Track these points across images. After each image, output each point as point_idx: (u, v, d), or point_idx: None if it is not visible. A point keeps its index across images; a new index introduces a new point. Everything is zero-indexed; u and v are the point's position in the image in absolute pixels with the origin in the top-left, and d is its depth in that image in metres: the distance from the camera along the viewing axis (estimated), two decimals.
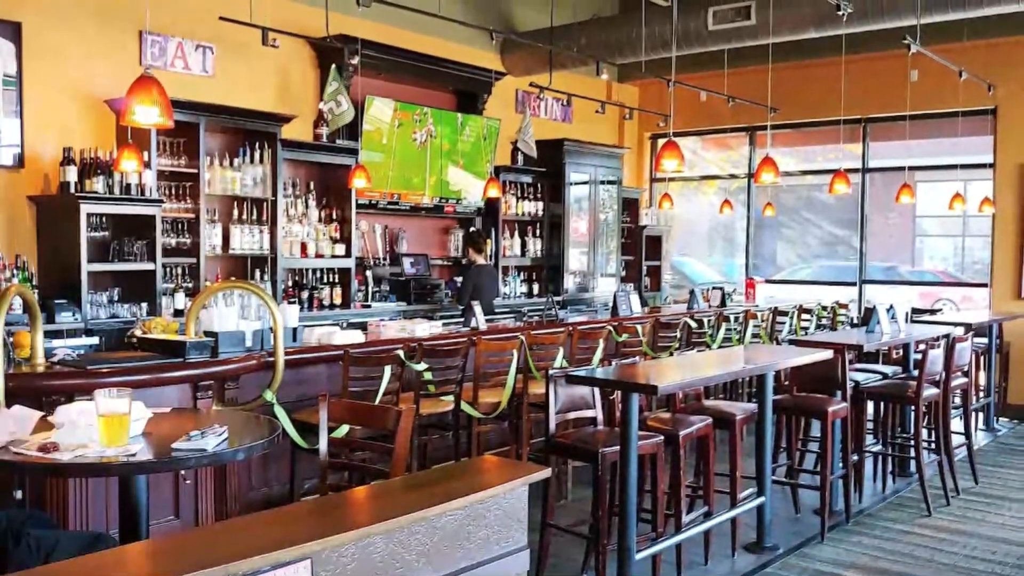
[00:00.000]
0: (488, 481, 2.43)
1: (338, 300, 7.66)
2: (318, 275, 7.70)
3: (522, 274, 9.75)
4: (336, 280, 7.74)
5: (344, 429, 4.06)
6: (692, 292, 8.78)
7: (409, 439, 3.24)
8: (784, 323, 8.41)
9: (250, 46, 6.49)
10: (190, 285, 6.63)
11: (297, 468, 4.75)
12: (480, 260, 8.11)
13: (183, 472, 4.16)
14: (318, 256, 7.59)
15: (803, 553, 4.84)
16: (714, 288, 9.26)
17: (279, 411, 4.33)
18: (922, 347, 5.92)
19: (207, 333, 4.50)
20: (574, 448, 4.35)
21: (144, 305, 6.19)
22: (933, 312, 8.78)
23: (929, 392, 5.70)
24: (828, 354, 5.22)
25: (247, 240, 7.04)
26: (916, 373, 5.75)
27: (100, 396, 2.79)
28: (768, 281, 10.67)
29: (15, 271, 5.68)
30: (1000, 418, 8.40)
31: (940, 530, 5.24)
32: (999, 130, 9.01)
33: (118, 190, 6.10)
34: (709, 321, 7.85)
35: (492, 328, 6.58)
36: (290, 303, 6.04)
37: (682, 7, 7.82)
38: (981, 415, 8.08)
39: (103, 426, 2.80)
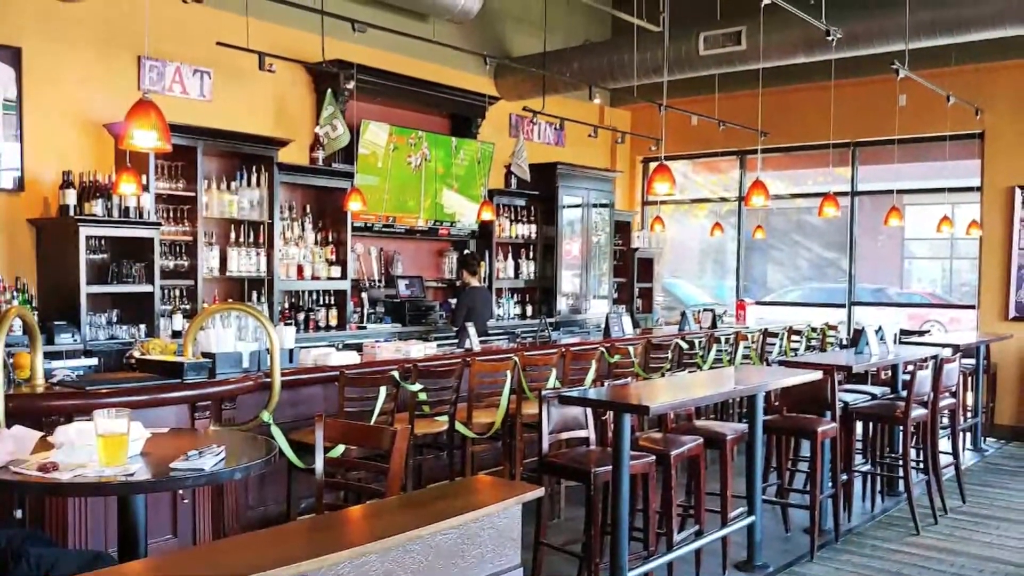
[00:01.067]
0: (482, 500, 2.46)
1: (334, 322, 7.70)
2: (314, 297, 7.76)
3: (515, 296, 9.81)
4: (332, 302, 7.79)
5: (340, 449, 4.11)
6: (683, 314, 8.84)
7: (404, 459, 3.29)
8: (774, 344, 8.47)
9: (247, 71, 6.59)
10: (188, 307, 6.68)
11: (293, 487, 4.78)
12: (474, 282, 8.17)
13: (181, 491, 4.19)
14: (314, 278, 7.64)
15: (793, 571, 4.89)
16: (705, 310, 9.32)
17: (276, 431, 4.37)
18: (910, 368, 5.97)
19: (205, 354, 4.55)
20: (567, 468, 4.40)
21: (142, 326, 6.24)
22: (921, 333, 8.87)
23: (917, 412, 5.76)
24: (817, 375, 5.29)
25: (244, 262, 7.10)
26: (904, 394, 5.81)
27: (99, 416, 2.83)
28: (758, 303, 10.71)
29: (15, 293, 5.74)
30: (987, 438, 8.46)
31: (928, 549, 5.29)
32: (986, 154, 9.09)
33: (117, 213, 6.15)
34: (700, 342, 7.93)
35: (486, 349, 6.64)
36: (287, 325, 6.11)
37: (673, 32, 7.92)
38: (969, 435, 8.13)
39: (102, 446, 2.83)
